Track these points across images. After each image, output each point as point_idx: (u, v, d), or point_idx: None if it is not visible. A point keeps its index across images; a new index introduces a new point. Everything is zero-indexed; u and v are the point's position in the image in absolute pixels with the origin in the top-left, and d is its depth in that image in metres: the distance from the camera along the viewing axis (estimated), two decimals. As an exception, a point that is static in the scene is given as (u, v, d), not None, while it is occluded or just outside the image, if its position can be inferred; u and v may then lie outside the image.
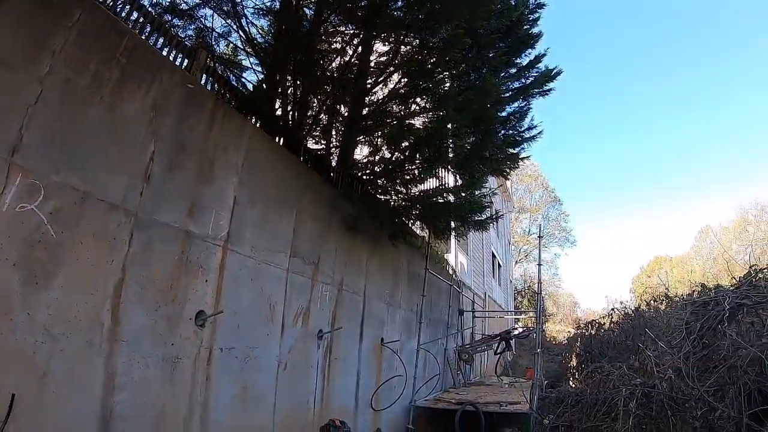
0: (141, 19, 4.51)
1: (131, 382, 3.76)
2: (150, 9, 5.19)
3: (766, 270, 5.78)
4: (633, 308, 15.84)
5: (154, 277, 4.03)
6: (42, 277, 3.11)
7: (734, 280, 5.88)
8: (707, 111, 78.68)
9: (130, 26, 4.26)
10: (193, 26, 6.86)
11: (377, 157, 8.11)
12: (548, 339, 30.95)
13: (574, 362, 14.75)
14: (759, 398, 4.32)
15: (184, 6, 6.71)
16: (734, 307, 5.04)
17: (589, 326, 15.19)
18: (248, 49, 7.35)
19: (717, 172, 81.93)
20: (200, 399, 4.48)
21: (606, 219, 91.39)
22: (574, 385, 12.11)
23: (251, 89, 7.06)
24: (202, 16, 6.90)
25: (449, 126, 6.96)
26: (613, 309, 15.37)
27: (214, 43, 7.11)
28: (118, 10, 4.32)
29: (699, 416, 4.63)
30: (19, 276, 2.98)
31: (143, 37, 4.34)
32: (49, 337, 3.12)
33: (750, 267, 5.93)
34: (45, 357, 3.10)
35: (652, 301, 16.02)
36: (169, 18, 6.45)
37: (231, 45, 7.76)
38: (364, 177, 8.28)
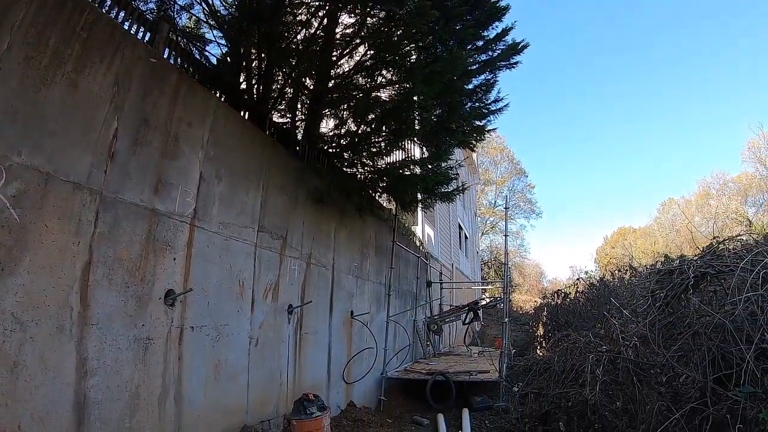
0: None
1: (104, 365, 3.69)
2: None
3: (728, 241, 5.99)
4: (598, 278, 16.22)
5: (121, 257, 3.95)
6: (7, 263, 3.01)
7: (698, 251, 6.06)
8: (671, 85, 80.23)
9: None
10: (155, -1, 6.64)
11: (343, 130, 8.03)
12: (515, 309, 31.64)
13: (540, 331, 15.08)
14: (722, 363, 4.50)
15: (146, -23, 6.47)
16: (698, 276, 5.20)
17: (555, 296, 15.49)
18: (211, 22, 7.15)
19: (679, 146, 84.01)
20: (174, 378, 4.45)
21: (570, 190, 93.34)
22: (541, 354, 12.38)
23: (215, 63, 6.89)
24: (164, -13, 6.67)
25: (415, 98, 6.91)
26: (578, 279, 15.74)
27: (176, 16, 6.90)
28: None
29: (664, 381, 4.80)
30: (-16, 262, 2.88)
31: (104, 11, 4.18)
32: (17, 324, 3.03)
33: (713, 238, 6.11)
34: (15, 345, 3.02)
35: (616, 271, 16.42)
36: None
37: (194, 18, 7.54)
38: (331, 150, 8.21)
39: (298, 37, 6.91)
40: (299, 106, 7.73)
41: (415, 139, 8.13)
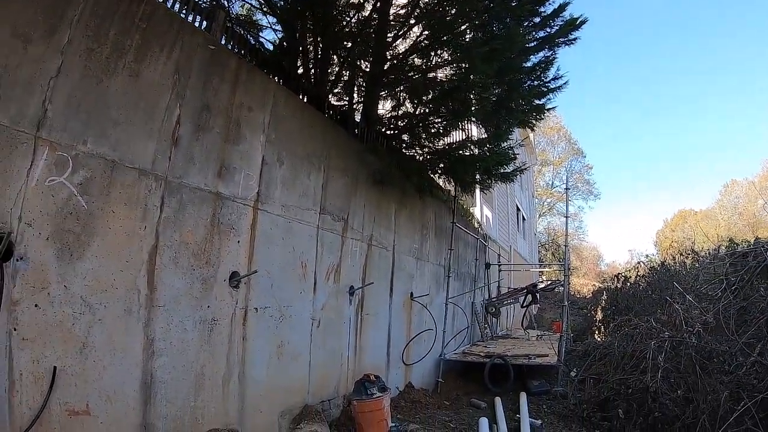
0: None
1: (170, 346, 3.82)
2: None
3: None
4: (659, 262, 15.60)
5: (187, 240, 4.05)
6: (76, 249, 3.14)
7: (764, 235, 5.74)
8: (734, 64, 75.66)
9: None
10: (208, -12, 6.71)
11: (401, 112, 7.99)
12: (573, 293, 30.94)
13: (599, 316, 14.61)
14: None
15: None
16: (774, 261, 4.92)
17: (615, 280, 14.98)
18: (265, 8, 7.20)
19: (743, 127, 79.31)
20: (238, 358, 4.56)
21: (630, 172, 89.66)
22: (600, 339, 12.05)
23: (271, 49, 6.93)
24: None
25: (473, 78, 6.73)
26: (639, 262, 15.16)
27: (229, 3, 6.95)
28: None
29: (730, 370, 4.56)
30: (53, 249, 3.02)
31: (160, 1, 4.24)
32: (87, 307, 3.17)
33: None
34: (84, 327, 3.16)
35: (678, 255, 15.75)
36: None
37: (246, 5, 7.61)
38: (389, 132, 8.17)
39: (352, 20, 6.86)
40: (356, 88, 7.71)
41: (474, 119, 7.96)
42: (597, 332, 13.85)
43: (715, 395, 4.59)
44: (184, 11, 4.65)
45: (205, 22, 4.90)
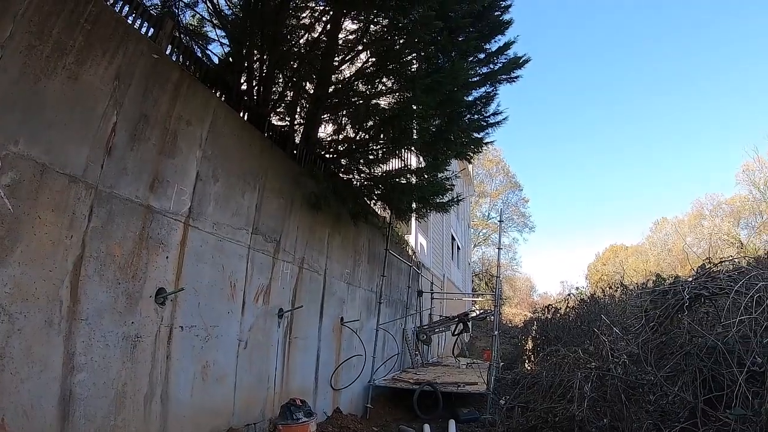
0: (107, -16, 4.32)
1: (91, 362, 3.64)
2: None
3: (721, 263, 6.02)
4: (588, 294, 16.20)
5: (114, 253, 3.90)
6: (-2, 253, 2.97)
7: (690, 271, 6.11)
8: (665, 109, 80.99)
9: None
10: (159, -6, 6.62)
11: (341, 136, 8.04)
12: (505, 322, 31.67)
13: (530, 345, 15.02)
14: (713, 385, 4.50)
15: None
16: (693, 297, 5.22)
17: (546, 310, 15.45)
18: (215, 21, 7.13)
19: (673, 166, 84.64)
20: (161, 378, 4.40)
21: (564, 206, 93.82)
22: (530, 368, 12.38)
23: (217, 62, 6.87)
24: (169, -17, 6.65)
25: (415, 108, 6.90)
26: (569, 294, 15.70)
27: (180, 13, 6.86)
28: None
29: (653, 401, 4.79)
30: (-26, 252, 2.84)
31: (109, 3, 4.15)
32: (6, 316, 2.98)
33: (705, 259, 6.15)
34: (2, 337, 2.97)
35: (607, 288, 16.42)
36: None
37: (197, 16, 7.52)
38: (328, 156, 8.20)
39: (301, 40, 6.92)
40: (299, 109, 7.71)
41: (413, 148, 8.12)
42: (527, 361, 14.21)
43: (639, 423, 4.79)
44: (132, 16, 4.57)
45: (152, 30, 4.82)
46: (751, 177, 39.23)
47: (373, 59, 7.03)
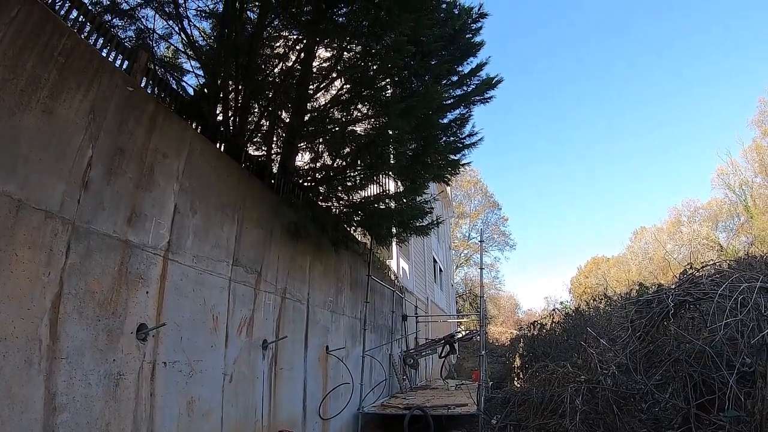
0: (81, 18, 4.33)
1: (73, 401, 3.54)
2: (90, 7, 4.95)
3: (703, 268, 6.09)
4: (573, 308, 16.31)
5: (93, 289, 3.83)
6: (-25, 292, 2.89)
7: (672, 278, 6.18)
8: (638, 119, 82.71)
9: (69, 25, 4.06)
10: (133, 27, 6.65)
11: (319, 164, 8.06)
12: (491, 341, 31.59)
13: (518, 363, 15.01)
14: (704, 389, 4.52)
15: (125, 6, 6.49)
16: (677, 304, 5.27)
17: (532, 327, 15.51)
18: (189, 52, 7.15)
19: (649, 175, 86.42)
20: (145, 415, 4.28)
21: (543, 221, 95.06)
22: (519, 385, 12.35)
23: (192, 93, 6.88)
24: (143, 16, 6.68)
25: (391, 132, 6.96)
26: (554, 309, 15.81)
27: (154, 45, 6.88)
28: (57, 7, 4.11)
29: (645, 409, 4.80)
30: (-50, 292, 2.77)
31: (83, 36, 4.14)
32: (-16, 356, 2.90)
33: (686, 265, 6.22)
34: (-19, 378, 2.88)
35: (591, 301, 16.55)
36: (110, 18, 6.20)
37: (172, 48, 7.54)
38: (306, 184, 8.20)
39: (276, 70, 6.96)
40: (275, 139, 7.72)
41: (390, 173, 8.17)
42: (516, 379, 14.18)
43: (633, 433, 4.81)
44: (106, 48, 4.56)
45: (126, 62, 4.81)
46: (726, 180, 40.31)
47: (348, 86, 7.09)
